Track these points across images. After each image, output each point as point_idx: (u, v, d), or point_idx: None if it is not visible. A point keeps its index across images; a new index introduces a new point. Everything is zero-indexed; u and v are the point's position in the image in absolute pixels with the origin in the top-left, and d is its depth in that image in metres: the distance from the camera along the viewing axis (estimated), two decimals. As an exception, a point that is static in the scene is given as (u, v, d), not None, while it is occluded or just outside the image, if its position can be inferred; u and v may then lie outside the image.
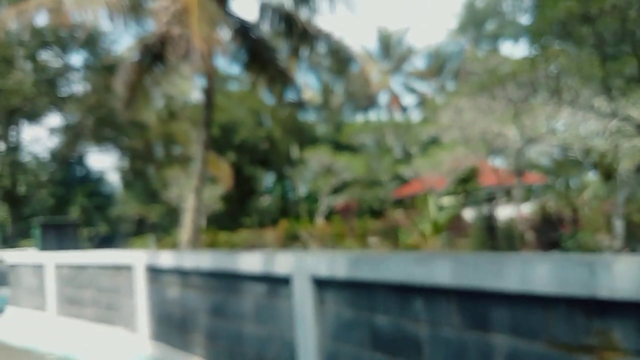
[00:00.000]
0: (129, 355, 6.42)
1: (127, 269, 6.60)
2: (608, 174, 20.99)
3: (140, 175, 31.83)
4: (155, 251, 6.63)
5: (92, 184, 30.83)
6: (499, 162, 28.85)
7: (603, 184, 23.54)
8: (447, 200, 27.29)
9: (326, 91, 47.06)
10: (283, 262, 3.84)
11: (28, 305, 9.18)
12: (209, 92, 11.37)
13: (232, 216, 34.09)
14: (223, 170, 30.10)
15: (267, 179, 45.18)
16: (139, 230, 29.91)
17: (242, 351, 4.39)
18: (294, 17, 11.31)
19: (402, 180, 32.48)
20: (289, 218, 30.08)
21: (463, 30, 48.83)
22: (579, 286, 2.03)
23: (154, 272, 5.99)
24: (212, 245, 21.77)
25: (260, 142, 40.40)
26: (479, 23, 47.33)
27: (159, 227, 30.77)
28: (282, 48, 12.46)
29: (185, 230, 10.76)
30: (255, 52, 11.91)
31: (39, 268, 8.81)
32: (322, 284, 3.53)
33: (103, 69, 21.34)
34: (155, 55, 11.85)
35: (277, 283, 3.96)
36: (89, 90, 23.38)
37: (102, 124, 23.56)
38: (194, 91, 35.34)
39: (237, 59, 12.56)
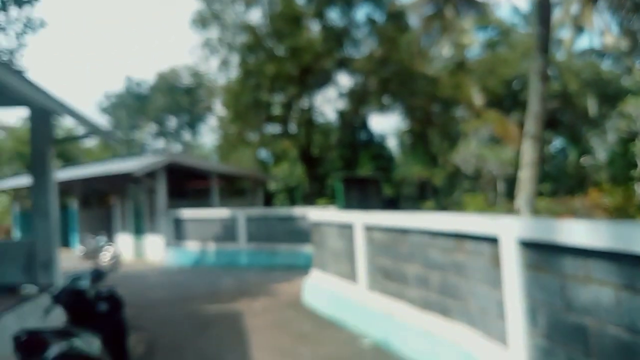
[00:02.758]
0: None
1: (482, 241, 4.34)
2: None
3: (422, 138, 30.33)
4: (546, 218, 4.10)
5: (375, 147, 30.68)
6: None
7: None
8: None
9: (631, 35, 38.09)
10: None
11: (333, 271, 7.89)
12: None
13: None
14: (510, 130, 26.49)
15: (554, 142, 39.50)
16: (421, 195, 28.58)
17: None
18: None
19: None
20: (597, 187, 24.75)
21: None
22: None
23: (545, 253, 3.55)
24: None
25: (549, 99, 35.00)
26: None
27: (441, 191, 28.98)
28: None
29: (522, 190, 8.15)
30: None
31: (345, 229, 7.35)
32: None
33: (389, 18, 20.05)
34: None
35: None
36: (374, 47, 22.49)
37: (387, 83, 22.48)
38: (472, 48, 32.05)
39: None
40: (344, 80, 32.11)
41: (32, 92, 5.57)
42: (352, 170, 26.91)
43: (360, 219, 6.81)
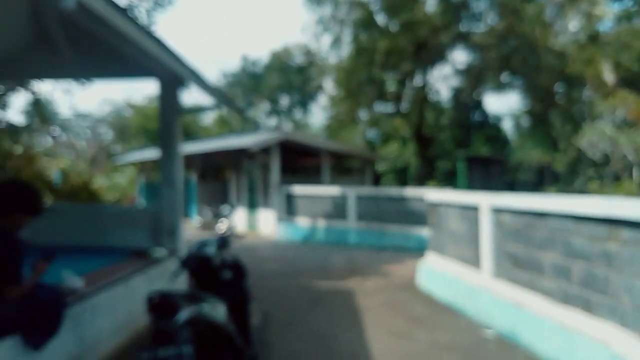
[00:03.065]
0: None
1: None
2: None
3: (542, 119, 28.19)
4: None
5: (489, 128, 29.10)
6: None
7: None
8: None
9: None
10: None
11: (452, 255, 7.47)
12: None
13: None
14: (648, 112, 23.73)
15: None
16: (539, 181, 26.69)
17: None
18: None
19: None
20: None
21: None
22: None
23: None
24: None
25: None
26: None
27: (562, 178, 26.86)
28: None
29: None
30: None
31: (468, 210, 6.89)
32: None
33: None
34: None
35: None
36: (494, 20, 21.10)
37: (508, 58, 21.02)
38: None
39: None
40: (460, 57, 30.70)
41: (168, 58, 5.67)
42: (463, 153, 25.76)
43: (487, 200, 6.31)
